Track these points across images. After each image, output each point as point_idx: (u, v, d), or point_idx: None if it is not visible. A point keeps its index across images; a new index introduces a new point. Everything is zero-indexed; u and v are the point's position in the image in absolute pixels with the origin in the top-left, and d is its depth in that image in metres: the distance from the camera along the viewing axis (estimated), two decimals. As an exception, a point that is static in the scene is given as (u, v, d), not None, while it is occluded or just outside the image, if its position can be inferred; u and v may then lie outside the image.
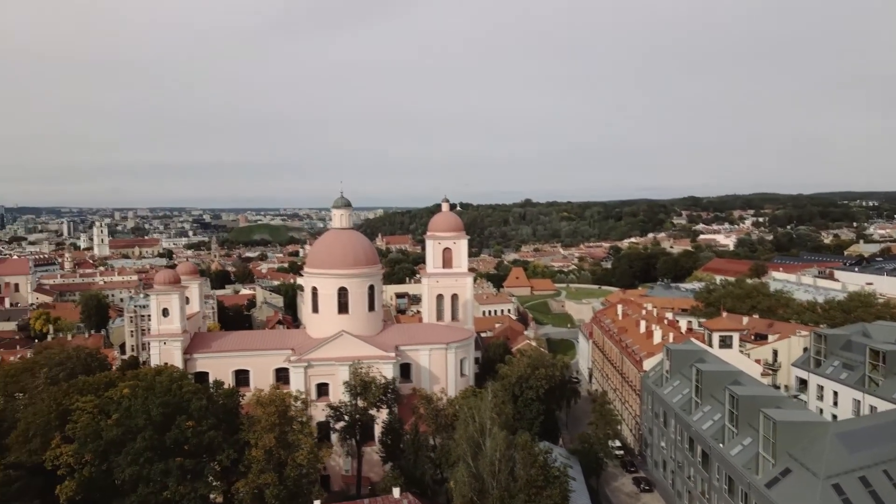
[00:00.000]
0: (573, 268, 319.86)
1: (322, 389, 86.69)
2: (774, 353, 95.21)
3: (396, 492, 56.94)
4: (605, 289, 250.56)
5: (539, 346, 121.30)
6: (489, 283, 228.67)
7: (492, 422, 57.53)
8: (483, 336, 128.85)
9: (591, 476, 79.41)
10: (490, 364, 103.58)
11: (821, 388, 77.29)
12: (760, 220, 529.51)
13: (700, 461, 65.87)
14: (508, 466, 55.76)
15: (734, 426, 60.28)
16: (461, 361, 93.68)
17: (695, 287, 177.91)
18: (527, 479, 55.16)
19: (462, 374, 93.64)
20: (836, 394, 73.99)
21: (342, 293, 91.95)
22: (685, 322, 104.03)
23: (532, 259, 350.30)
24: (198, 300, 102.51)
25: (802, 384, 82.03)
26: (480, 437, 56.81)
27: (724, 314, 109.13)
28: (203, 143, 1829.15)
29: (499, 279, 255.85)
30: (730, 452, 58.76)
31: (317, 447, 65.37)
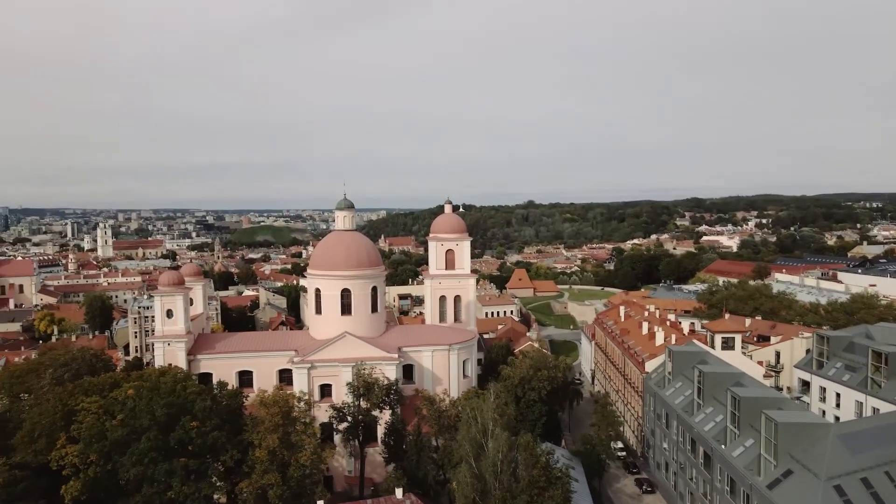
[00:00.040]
0: (576, 269, 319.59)
1: (325, 390, 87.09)
2: (777, 355, 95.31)
3: (399, 492, 57.20)
4: (608, 290, 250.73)
5: (541, 348, 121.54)
6: (492, 285, 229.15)
7: (494, 423, 57.68)
8: (486, 337, 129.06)
9: (594, 477, 79.58)
10: (493, 365, 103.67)
11: (823, 390, 77.34)
12: (764, 222, 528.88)
13: (702, 462, 66.01)
14: (511, 467, 55.86)
15: (736, 428, 60.46)
16: (464, 363, 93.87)
17: (697, 289, 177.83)
18: (529, 480, 55.27)
19: (465, 376, 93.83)
20: (839, 395, 74.06)
21: (345, 294, 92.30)
22: (687, 324, 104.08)
23: (535, 260, 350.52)
24: (201, 301, 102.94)
25: (805, 386, 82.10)
26: (483, 438, 56.98)
27: (727, 316, 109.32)
28: (207, 145, 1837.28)
29: (501, 281, 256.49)
30: (731, 454, 58.94)
31: (320, 448, 65.72)
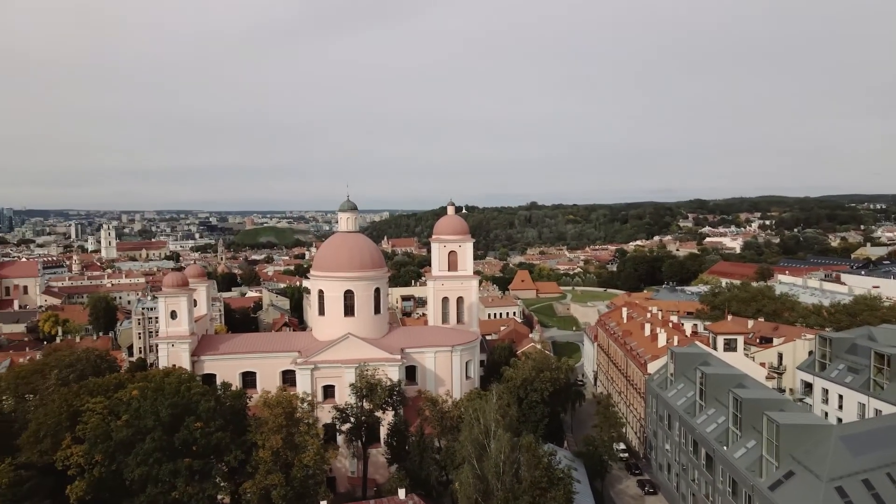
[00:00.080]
0: (578, 271, 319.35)
1: (328, 391, 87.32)
2: (780, 357, 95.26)
3: (402, 493, 57.40)
4: (611, 292, 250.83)
5: (544, 349, 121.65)
6: (494, 286, 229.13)
7: (497, 424, 57.90)
8: (488, 339, 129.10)
9: (596, 478, 79.72)
10: (495, 366, 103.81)
11: (826, 392, 77.30)
12: (767, 223, 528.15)
13: (704, 464, 66.09)
14: (513, 468, 56.05)
15: (738, 429, 60.55)
16: (466, 364, 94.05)
17: (700, 290, 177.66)
18: (531, 481, 55.42)
19: (467, 377, 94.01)
20: (841, 397, 74.07)
21: (348, 296, 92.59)
22: (690, 325, 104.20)
23: (537, 262, 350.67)
24: (205, 303, 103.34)
25: (807, 387, 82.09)
26: (485, 439, 57.21)
27: (729, 317, 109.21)
28: (209, 147, 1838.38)
29: (504, 282, 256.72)
30: (733, 455, 59.04)
31: (323, 448, 65.99)
